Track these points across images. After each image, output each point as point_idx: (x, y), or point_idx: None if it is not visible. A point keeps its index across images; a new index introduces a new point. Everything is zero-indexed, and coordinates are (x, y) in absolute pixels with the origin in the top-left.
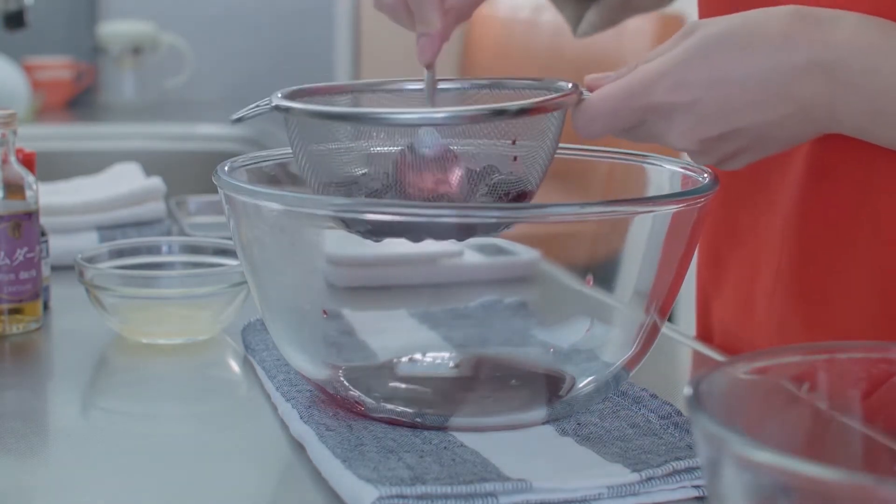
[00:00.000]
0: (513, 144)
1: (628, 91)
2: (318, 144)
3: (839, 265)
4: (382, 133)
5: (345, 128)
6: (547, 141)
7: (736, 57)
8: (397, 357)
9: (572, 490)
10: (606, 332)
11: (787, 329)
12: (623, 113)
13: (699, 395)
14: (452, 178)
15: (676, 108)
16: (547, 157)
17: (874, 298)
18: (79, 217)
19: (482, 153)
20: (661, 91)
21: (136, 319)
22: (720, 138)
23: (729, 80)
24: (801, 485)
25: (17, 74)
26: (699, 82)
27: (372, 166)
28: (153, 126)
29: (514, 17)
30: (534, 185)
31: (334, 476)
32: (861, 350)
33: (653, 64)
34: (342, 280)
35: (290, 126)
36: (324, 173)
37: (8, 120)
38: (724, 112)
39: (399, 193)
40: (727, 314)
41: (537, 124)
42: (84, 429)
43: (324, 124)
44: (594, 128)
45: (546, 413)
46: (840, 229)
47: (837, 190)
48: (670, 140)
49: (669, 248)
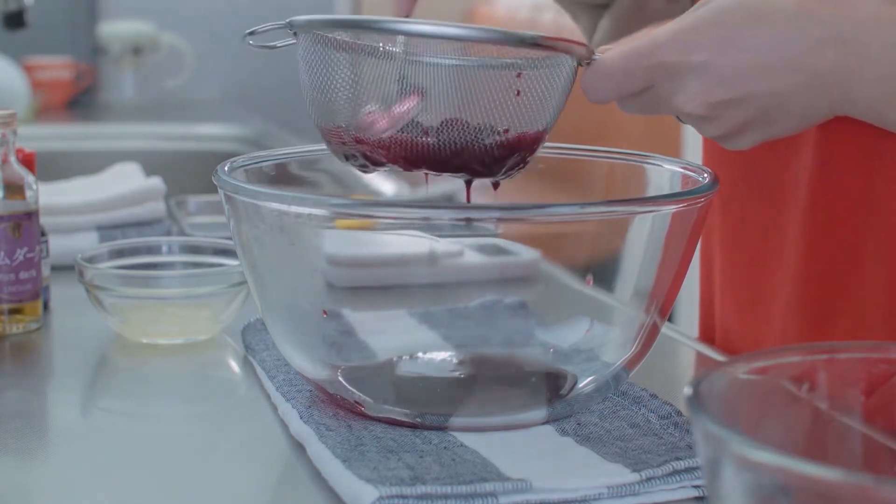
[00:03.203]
0: (518, 77)
1: (638, 51)
2: (326, 72)
3: (848, 263)
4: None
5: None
6: (555, 92)
7: (750, 24)
8: (397, 357)
9: (572, 490)
10: (606, 332)
11: (795, 329)
12: (633, 72)
13: (699, 394)
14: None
15: (686, 69)
16: (552, 110)
17: (886, 295)
18: (79, 217)
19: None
20: (672, 51)
21: (136, 319)
22: (728, 104)
23: (741, 44)
24: (800, 485)
25: (18, 74)
26: (711, 44)
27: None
28: (153, 126)
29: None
30: (540, 127)
31: (334, 476)
32: (861, 350)
33: (665, 27)
34: (342, 280)
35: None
36: (330, 102)
37: (8, 120)
38: (734, 76)
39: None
40: (731, 314)
41: (545, 68)
42: (84, 429)
43: (331, 53)
44: (604, 88)
45: (546, 413)
46: (848, 226)
47: (844, 186)
48: (678, 102)
49: (669, 248)
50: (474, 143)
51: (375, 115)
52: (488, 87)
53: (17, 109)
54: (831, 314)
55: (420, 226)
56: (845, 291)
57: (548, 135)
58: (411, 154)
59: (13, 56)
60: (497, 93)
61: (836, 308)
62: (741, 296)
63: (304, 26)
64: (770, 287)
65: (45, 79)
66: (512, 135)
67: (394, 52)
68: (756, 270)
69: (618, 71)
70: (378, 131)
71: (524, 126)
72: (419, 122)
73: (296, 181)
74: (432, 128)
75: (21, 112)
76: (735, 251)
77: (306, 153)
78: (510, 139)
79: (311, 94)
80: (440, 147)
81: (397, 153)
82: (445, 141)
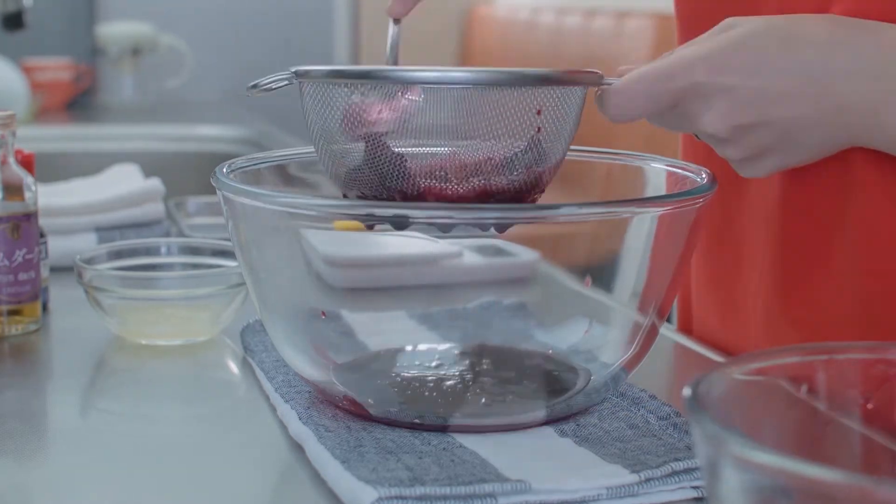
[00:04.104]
0: (538, 115)
1: (668, 72)
2: (332, 113)
3: (822, 262)
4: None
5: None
6: (569, 122)
7: (780, 50)
8: (396, 358)
9: (571, 491)
10: (605, 332)
11: (772, 327)
12: (662, 93)
13: (698, 395)
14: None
15: (715, 91)
16: (565, 141)
17: (857, 293)
18: (78, 218)
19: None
20: (703, 72)
21: (135, 320)
22: (751, 128)
23: (771, 69)
24: (800, 485)
25: (17, 75)
26: (741, 68)
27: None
28: (152, 127)
29: (513, 17)
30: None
31: (333, 477)
32: (859, 350)
33: (693, 48)
34: (340, 281)
35: (305, 96)
36: (335, 142)
37: (7, 121)
38: (761, 100)
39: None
40: (709, 312)
41: (557, 101)
42: (83, 430)
43: (338, 91)
44: (630, 108)
45: (545, 414)
46: (821, 226)
47: (817, 187)
48: (703, 123)
49: (668, 249)
50: (496, 183)
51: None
52: (509, 123)
53: (16, 110)
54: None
55: (419, 227)
56: (822, 288)
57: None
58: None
59: (12, 57)
60: (519, 129)
61: (816, 305)
62: (718, 294)
63: (308, 76)
64: (745, 284)
65: (44, 80)
66: (534, 171)
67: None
68: (731, 268)
69: (646, 92)
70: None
71: (543, 161)
72: (444, 171)
73: (294, 183)
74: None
75: (20, 113)
76: (711, 248)
77: (305, 155)
78: (531, 177)
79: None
80: (461, 191)
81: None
82: (466, 185)
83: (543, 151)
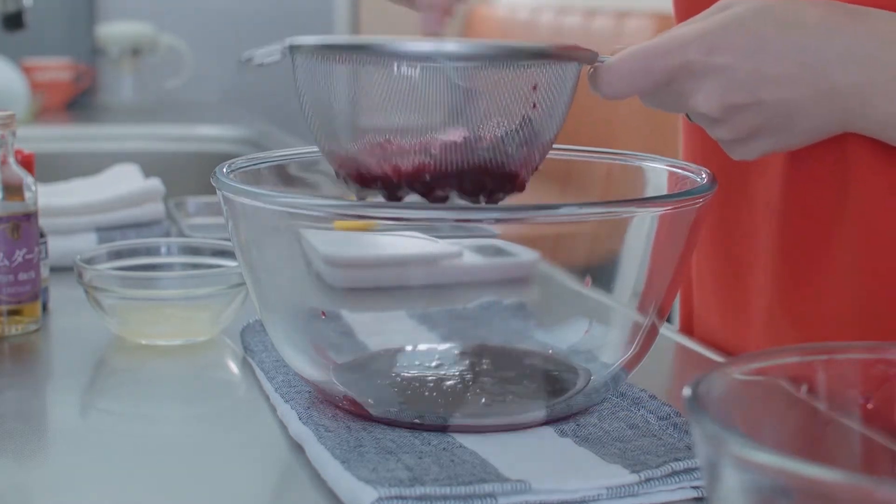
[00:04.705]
0: (534, 90)
1: (662, 49)
2: (324, 89)
3: (822, 260)
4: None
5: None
6: (563, 99)
7: (776, 31)
8: (396, 358)
9: (571, 491)
10: (605, 332)
11: (774, 326)
12: (655, 70)
13: (698, 395)
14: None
15: (709, 70)
16: (559, 119)
17: (857, 291)
18: (78, 218)
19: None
20: (697, 50)
21: (135, 320)
22: (744, 108)
23: (766, 50)
24: (800, 485)
25: (17, 76)
26: (736, 48)
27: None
28: (152, 127)
29: (512, 17)
30: (550, 136)
31: (333, 477)
32: (859, 350)
33: (689, 27)
34: (340, 281)
35: (298, 71)
36: (329, 120)
37: (7, 121)
38: (755, 80)
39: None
40: (711, 312)
41: (554, 76)
42: (83, 430)
43: (331, 68)
44: (623, 84)
45: (545, 414)
46: (821, 224)
47: (816, 185)
48: (695, 102)
49: (668, 249)
50: (491, 160)
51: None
52: (504, 99)
53: (16, 111)
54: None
55: (419, 227)
56: (816, 284)
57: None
58: (427, 177)
59: (12, 57)
60: (514, 104)
61: (818, 301)
62: (719, 293)
63: (303, 49)
64: (746, 283)
65: (43, 80)
66: (526, 149)
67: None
68: (732, 268)
69: (640, 69)
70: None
71: (537, 138)
72: (438, 142)
73: (294, 183)
74: (450, 147)
75: (20, 113)
76: (712, 248)
77: (305, 154)
78: (523, 155)
79: (316, 117)
80: (458, 168)
81: (415, 176)
82: (462, 160)
83: (536, 130)
